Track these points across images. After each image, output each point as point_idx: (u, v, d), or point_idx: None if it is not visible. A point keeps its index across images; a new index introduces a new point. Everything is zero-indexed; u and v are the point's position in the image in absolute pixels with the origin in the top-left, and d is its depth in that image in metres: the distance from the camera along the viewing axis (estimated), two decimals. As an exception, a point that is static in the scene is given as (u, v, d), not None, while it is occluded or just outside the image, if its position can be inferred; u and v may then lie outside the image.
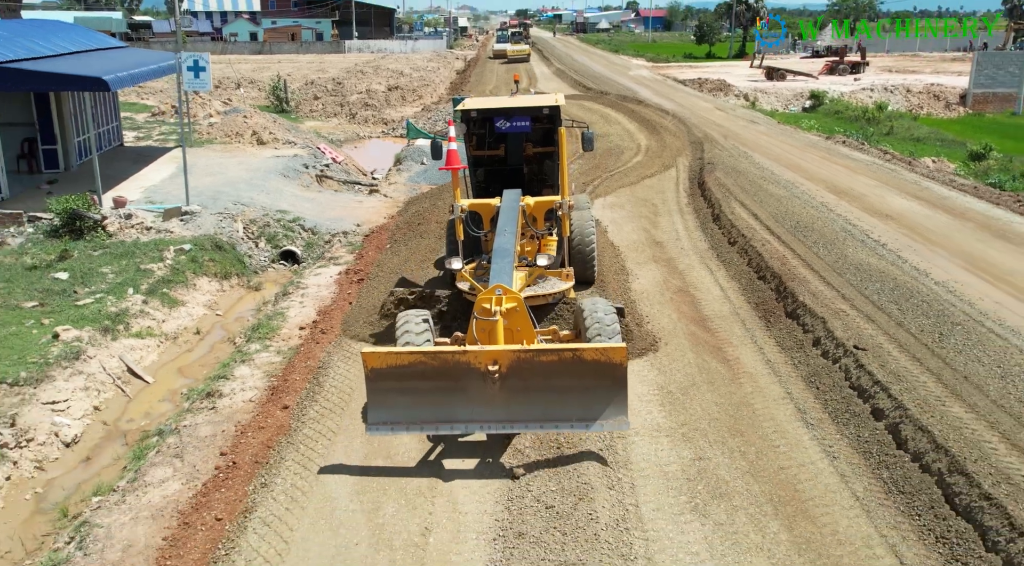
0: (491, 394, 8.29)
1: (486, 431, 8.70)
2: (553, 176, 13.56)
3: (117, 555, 7.65)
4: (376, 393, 8.42)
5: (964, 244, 16.36)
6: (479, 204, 12.09)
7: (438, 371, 8.34)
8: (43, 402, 10.86)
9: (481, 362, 8.25)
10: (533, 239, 12.45)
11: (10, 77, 17.01)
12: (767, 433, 9.26)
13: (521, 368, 8.24)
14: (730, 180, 21.24)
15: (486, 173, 13.79)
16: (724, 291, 13.99)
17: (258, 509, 8.06)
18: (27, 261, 15.54)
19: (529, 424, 8.44)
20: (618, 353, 8.13)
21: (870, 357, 10.37)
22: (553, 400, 8.27)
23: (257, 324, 13.63)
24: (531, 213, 11.93)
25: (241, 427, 9.98)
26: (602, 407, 8.20)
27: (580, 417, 8.26)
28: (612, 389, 8.17)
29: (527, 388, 8.27)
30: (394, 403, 8.39)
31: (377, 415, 8.45)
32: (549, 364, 8.23)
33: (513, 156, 13.65)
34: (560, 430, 8.53)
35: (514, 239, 10.46)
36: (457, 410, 8.38)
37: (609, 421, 8.23)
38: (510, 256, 9.95)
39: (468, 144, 13.19)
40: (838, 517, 7.72)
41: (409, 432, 8.61)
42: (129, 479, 9.05)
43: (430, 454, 8.96)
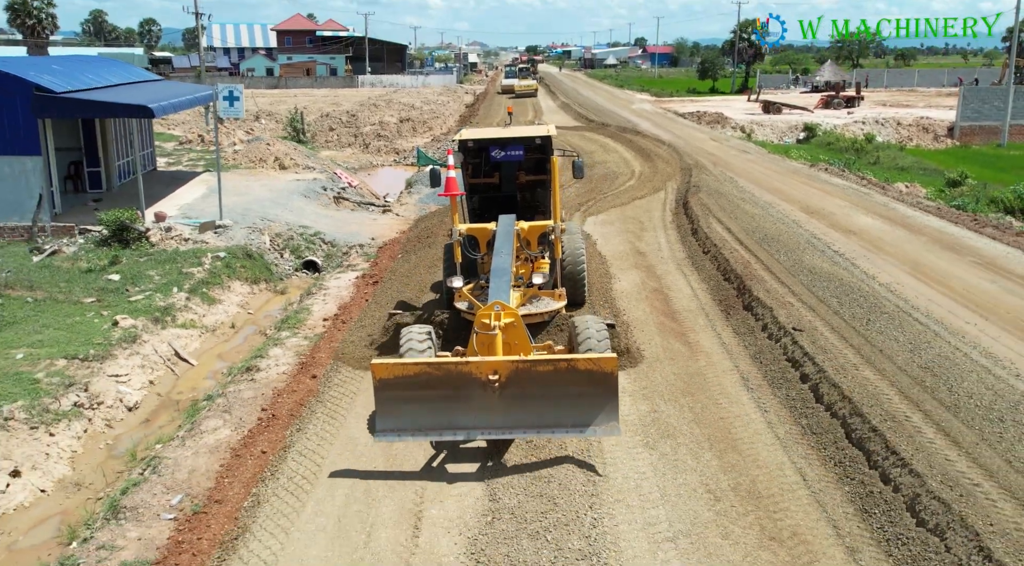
0: (491, 402, 8.76)
1: (486, 437, 9.08)
2: (544, 203, 14.08)
3: (184, 475, 9.62)
4: (384, 402, 8.88)
5: (914, 254, 18.32)
6: (476, 228, 12.74)
7: (442, 381, 8.84)
8: (109, 375, 12.89)
9: (482, 372, 8.73)
10: (527, 261, 12.97)
11: (72, 105, 19.34)
12: (713, 394, 11.19)
13: (519, 378, 8.73)
14: (712, 201, 23.29)
15: (481, 200, 14.37)
16: (694, 291, 15.98)
17: (295, 445, 10.01)
18: (83, 266, 17.67)
19: (527, 430, 8.92)
20: (609, 363, 8.68)
21: (805, 337, 12.32)
22: (549, 408, 8.78)
23: (286, 317, 15.69)
24: (525, 237, 12.58)
25: (277, 391, 11.97)
26: (594, 414, 8.75)
27: (574, 423, 8.79)
28: (604, 397, 8.73)
29: (525, 396, 8.76)
30: (401, 411, 8.87)
31: (385, 423, 8.94)
32: (545, 374, 8.76)
33: (507, 184, 14.11)
34: (556, 436, 9.07)
35: (510, 260, 11.03)
36: (459, 417, 8.87)
37: (601, 427, 8.77)
38: (507, 275, 10.53)
39: (464, 172, 13.73)
40: (760, 450, 9.64)
41: (415, 439, 9.09)
42: (187, 429, 11.03)
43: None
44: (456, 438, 9.03)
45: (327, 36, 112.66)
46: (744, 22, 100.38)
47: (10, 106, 19.05)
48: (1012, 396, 10.34)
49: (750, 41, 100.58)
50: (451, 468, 9.33)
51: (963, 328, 13.18)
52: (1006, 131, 50.65)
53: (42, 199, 19.78)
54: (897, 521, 7.98)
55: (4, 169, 19.49)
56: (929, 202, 26.28)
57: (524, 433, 8.95)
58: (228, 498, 8.97)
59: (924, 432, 9.36)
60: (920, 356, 11.59)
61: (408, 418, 8.85)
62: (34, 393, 11.61)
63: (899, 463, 8.69)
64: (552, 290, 12.62)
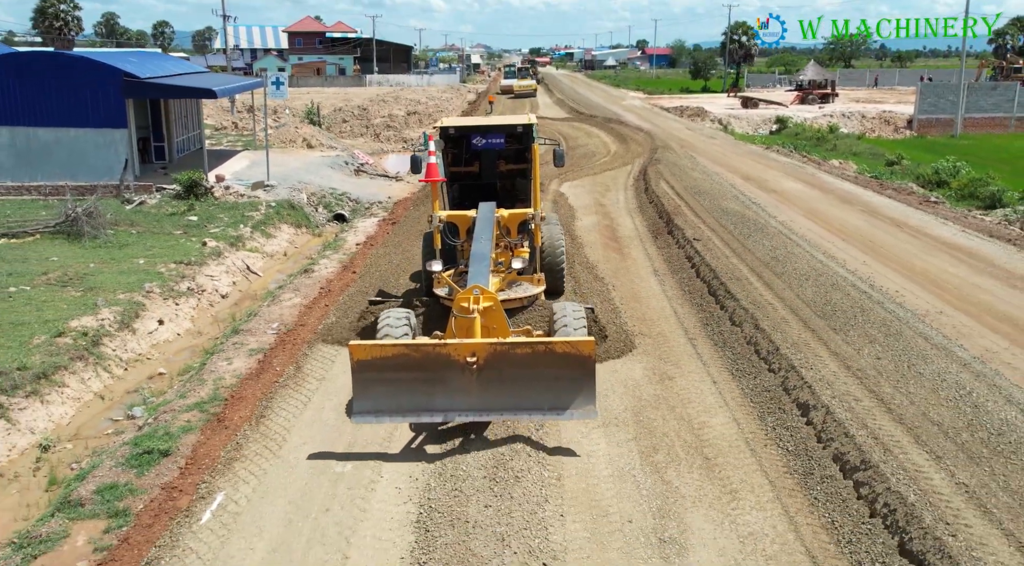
0: (469, 384, 8.75)
1: (464, 419, 9.11)
2: (524, 191, 14.37)
3: (275, 317, 14.69)
4: (361, 383, 8.86)
5: (815, 204, 23.38)
6: (456, 215, 12.86)
7: (420, 363, 8.80)
8: (205, 275, 17.98)
9: (460, 354, 8.69)
10: (507, 249, 13.01)
11: (152, 88, 24.51)
12: (632, 278, 16.25)
13: (497, 360, 8.71)
14: (666, 170, 28.37)
15: (461, 188, 14.50)
16: (635, 226, 21.08)
17: (344, 293, 15.09)
18: (166, 211, 22.79)
19: (504, 412, 8.99)
20: (586, 346, 8.70)
21: (701, 244, 17.42)
22: (526, 390, 8.80)
23: (328, 243, 20.81)
24: (505, 224, 12.74)
25: (327, 281, 17.06)
26: (572, 396, 8.78)
27: (551, 406, 8.81)
28: (581, 380, 8.75)
29: (502, 379, 8.76)
30: (378, 393, 8.85)
31: (362, 404, 8.91)
32: (523, 356, 8.75)
33: (487, 172, 14.29)
34: (533, 418, 9.15)
35: (490, 246, 11.14)
36: (437, 399, 8.88)
37: (579, 410, 8.82)
38: (486, 260, 10.58)
39: (445, 160, 13.76)
40: (652, 301, 14.66)
41: (392, 420, 9.12)
42: (270, 300, 16.11)
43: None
44: (434, 420, 9.12)
45: (336, 38, 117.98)
46: (735, 24, 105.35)
47: (104, 89, 24.18)
48: (823, 269, 15.44)
49: (741, 43, 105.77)
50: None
51: (818, 242, 18.28)
52: (959, 123, 55.62)
53: (127, 163, 24.90)
54: (726, 331, 12.96)
55: (99, 139, 24.62)
56: (853, 174, 31.31)
57: (501, 415, 9.09)
58: (308, 323, 14.08)
59: (755, 286, 14.48)
60: (773, 253, 16.73)
61: (386, 399, 8.86)
62: (161, 279, 16.71)
63: (733, 300, 13.77)
64: (531, 275, 12.86)
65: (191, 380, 12.06)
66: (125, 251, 18.97)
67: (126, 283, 16.18)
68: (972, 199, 27.95)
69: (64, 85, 24.02)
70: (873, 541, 7.21)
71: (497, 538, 7.43)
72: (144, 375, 13.42)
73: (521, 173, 14.38)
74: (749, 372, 11.19)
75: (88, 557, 7.64)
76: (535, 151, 13.31)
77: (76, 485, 9.06)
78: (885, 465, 8.13)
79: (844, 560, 7.07)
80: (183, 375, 12.90)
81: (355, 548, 7.51)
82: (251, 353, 12.81)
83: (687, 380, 11.12)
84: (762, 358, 11.44)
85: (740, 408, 10.22)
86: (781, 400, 10.16)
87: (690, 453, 9.08)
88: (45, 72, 24.03)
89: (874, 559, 6.99)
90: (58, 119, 24.21)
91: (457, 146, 14.02)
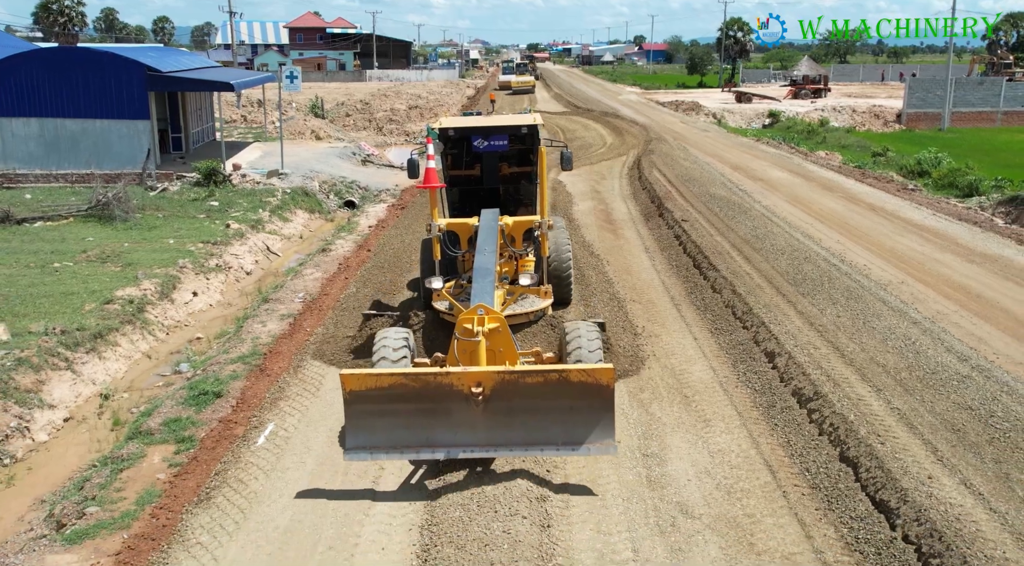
0: (474, 417, 8.03)
1: (468, 455, 8.23)
2: (528, 197, 13.54)
3: (300, 288, 16.15)
4: (355, 416, 8.11)
5: (798, 191, 24.87)
6: (457, 223, 11.98)
7: (419, 393, 8.05)
8: (230, 253, 19.44)
9: (464, 384, 7.94)
10: (511, 259, 12.34)
11: (173, 81, 25.97)
12: (625, 256, 17.73)
13: (506, 390, 7.97)
14: (659, 160, 29.85)
15: (461, 193, 13.61)
16: (628, 210, 22.57)
17: (361, 268, 16.56)
18: (188, 197, 24.24)
19: (513, 448, 8.15)
20: (605, 375, 7.92)
21: (688, 225, 18.91)
22: (538, 423, 8.05)
23: (342, 226, 22.28)
24: (510, 233, 11.85)
25: (345, 258, 18.53)
26: (588, 430, 8.02)
27: (565, 441, 8.05)
28: (599, 412, 7.97)
29: (511, 411, 8.03)
30: (374, 426, 8.12)
31: (356, 439, 8.14)
32: (534, 386, 7.98)
33: (489, 176, 13.31)
34: (545, 454, 8.26)
35: (494, 258, 10.32)
36: (438, 434, 8.13)
37: (596, 445, 8.03)
38: (491, 275, 9.76)
39: (444, 164, 13.00)
40: (643, 274, 16.16)
41: (389, 458, 8.28)
42: (293, 275, 17.58)
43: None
44: (435, 456, 8.27)
45: (337, 33, 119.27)
46: (731, 20, 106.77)
47: (128, 82, 25.60)
48: (799, 246, 16.94)
49: (736, 38, 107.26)
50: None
51: (797, 223, 19.78)
52: (946, 117, 57.13)
53: (150, 152, 26.34)
54: (708, 297, 14.46)
55: (123, 130, 26.04)
56: (837, 164, 32.80)
57: (511, 452, 8.22)
58: (330, 293, 15.55)
59: (736, 259, 16.01)
60: (754, 232, 18.24)
61: (382, 434, 8.13)
62: (192, 257, 18.16)
63: (715, 271, 15.28)
64: (537, 287, 11.90)
65: (231, 339, 13.53)
66: (154, 232, 20.42)
67: (160, 260, 17.63)
68: (951, 188, 29.47)
69: (91, 79, 25.44)
70: (819, 452, 8.72)
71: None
72: (183, 339, 14.88)
73: (525, 176, 13.47)
74: (726, 330, 12.69)
75: (165, 471, 9.12)
76: (542, 153, 12.26)
77: (144, 420, 10.55)
78: (833, 395, 9.64)
79: (795, 467, 8.57)
80: (220, 338, 14.37)
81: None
82: (282, 317, 14.29)
83: (671, 337, 12.61)
84: (737, 318, 12.94)
85: (716, 358, 11.72)
86: (752, 351, 11.67)
87: (671, 393, 10.58)
88: (73, 66, 25.45)
89: (819, 466, 8.48)
90: (85, 110, 25.64)
91: (457, 148, 13.10)
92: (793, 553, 7.17)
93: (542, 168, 12.27)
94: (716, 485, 8.32)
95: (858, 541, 7.21)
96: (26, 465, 10.27)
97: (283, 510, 8.13)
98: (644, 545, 7.36)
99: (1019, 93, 60.28)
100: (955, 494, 7.54)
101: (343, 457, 8.32)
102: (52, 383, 11.89)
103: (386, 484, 8.53)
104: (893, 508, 7.42)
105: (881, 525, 7.34)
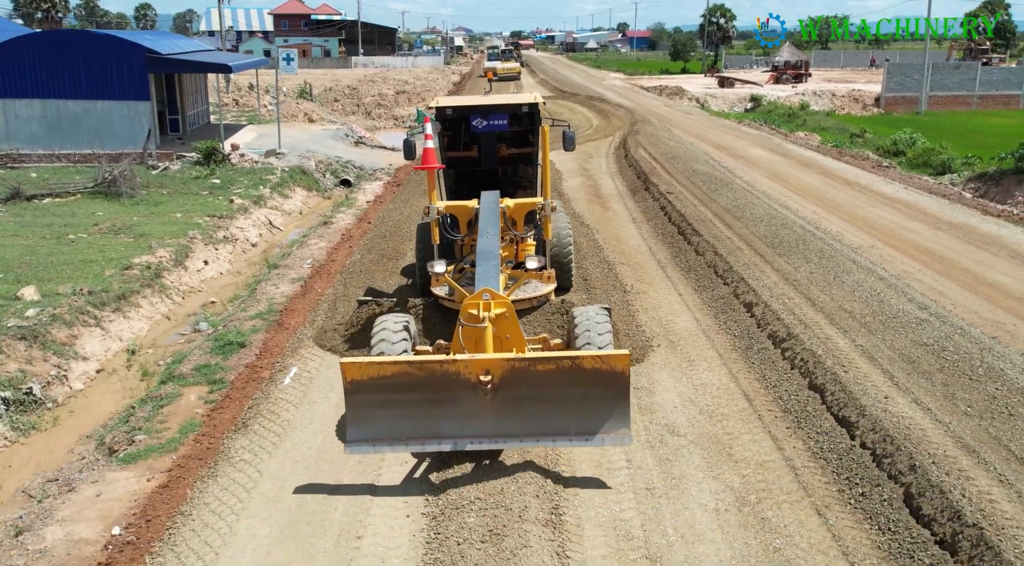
0: (482, 407, 7.75)
1: (476, 447, 7.92)
2: (527, 179, 13.33)
3: (307, 255, 17.07)
4: (356, 407, 7.81)
5: (777, 168, 25.95)
6: (456, 206, 11.65)
7: (424, 382, 7.77)
8: (236, 227, 20.31)
9: (472, 372, 7.67)
10: (511, 243, 12.03)
11: (173, 63, 26.70)
12: (613, 224, 18.75)
13: (516, 378, 7.70)
14: (645, 140, 30.87)
15: (458, 176, 13.21)
16: (616, 186, 23.59)
17: (365, 246, 17.49)
18: (190, 175, 25.03)
19: (524, 439, 7.88)
20: (621, 361, 7.66)
21: (674, 197, 19.96)
22: (549, 413, 7.78)
23: (341, 201, 23.16)
24: (511, 215, 11.53)
25: (347, 229, 19.45)
26: (602, 419, 7.75)
27: (579, 430, 7.79)
28: (613, 400, 7.72)
29: (521, 400, 7.76)
30: (376, 418, 7.84)
31: (357, 431, 7.85)
32: (546, 374, 7.71)
33: (487, 158, 12.98)
34: (557, 445, 8.02)
35: (497, 241, 10.05)
36: (444, 425, 7.86)
37: (610, 435, 7.77)
38: (495, 259, 9.44)
39: (440, 145, 12.50)
40: (630, 240, 17.17)
41: (392, 450, 8.02)
42: (299, 244, 18.49)
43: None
44: (441, 448, 7.97)
45: (322, 20, 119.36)
46: (713, 7, 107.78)
47: (129, 65, 26.30)
48: (776, 215, 18.01)
49: (719, 25, 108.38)
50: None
51: (776, 196, 20.87)
52: (923, 100, 58.48)
53: (150, 133, 27.08)
54: (691, 259, 15.50)
55: (124, 111, 26.76)
56: (815, 144, 33.95)
57: (520, 443, 7.93)
58: (337, 259, 16.48)
59: (718, 226, 17.08)
60: (735, 203, 19.31)
61: (384, 425, 7.84)
62: (201, 229, 19.02)
63: (698, 236, 16.32)
64: (540, 271, 11.37)
65: (247, 300, 14.45)
66: (161, 207, 21.24)
67: (170, 232, 18.48)
68: (925, 167, 30.65)
69: (92, 61, 26.14)
70: (791, 383, 9.78)
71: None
72: (198, 303, 15.77)
73: (523, 158, 13.16)
74: (708, 287, 13.75)
75: (202, 406, 10.07)
76: (544, 132, 11.71)
77: (176, 366, 11.49)
78: (804, 336, 10.72)
79: (769, 396, 9.62)
80: (234, 301, 15.27)
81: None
82: (293, 281, 15.22)
83: (658, 293, 13.65)
84: (719, 276, 14.00)
85: (700, 311, 12.77)
86: (732, 303, 12.73)
87: (659, 338, 11.61)
88: (75, 49, 26.14)
89: (791, 394, 9.54)
90: (87, 92, 26.35)
91: (454, 128, 12.64)
92: (766, 461, 8.23)
93: (545, 147, 11.74)
94: (699, 411, 9.36)
95: (822, 450, 8.27)
96: (67, 409, 11.18)
97: (314, 434, 9.12)
98: (636, 456, 8.39)
99: (994, 77, 61.73)
100: (907, 410, 8.62)
101: (344, 451, 8.00)
102: (84, 338, 12.78)
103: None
104: (853, 422, 8.49)
105: (843, 437, 8.41)
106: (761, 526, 7.15)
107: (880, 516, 7.11)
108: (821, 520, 7.21)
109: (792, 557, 6.74)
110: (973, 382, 9.25)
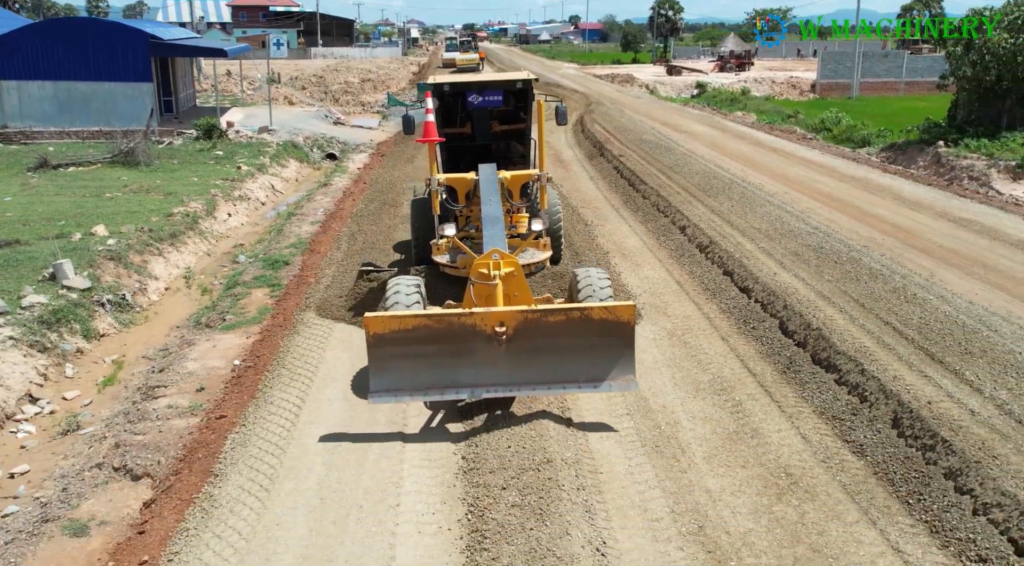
0: (497, 357, 8.17)
1: (492, 394, 8.35)
2: (518, 154, 13.85)
3: (314, 209, 20.17)
4: (378, 359, 8.21)
5: (714, 140, 29.65)
6: (455, 178, 12.02)
7: (443, 334, 8.18)
8: (246, 188, 23.31)
9: (487, 324, 8.09)
10: (507, 213, 12.28)
11: (173, 48, 29.50)
12: (575, 182, 22.17)
13: (528, 329, 8.11)
14: (599, 117, 34.40)
15: (452, 151, 13.58)
16: (575, 153, 27.14)
17: (365, 198, 20.65)
18: (195, 149, 27.89)
19: (536, 386, 8.29)
20: (626, 312, 8.06)
21: (625, 159, 23.47)
22: (560, 361, 8.21)
23: (334, 169, 26.29)
24: (508, 187, 11.93)
25: (347, 189, 22.60)
26: (609, 367, 8.20)
27: (587, 378, 8.21)
28: (619, 348, 8.17)
29: (534, 349, 8.17)
30: (397, 369, 8.23)
31: (379, 382, 8.26)
32: (557, 324, 8.13)
33: (480, 133, 13.42)
34: (567, 391, 8.47)
35: (500, 208, 10.50)
36: (462, 374, 8.25)
37: (617, 381, 8.22)
38: (500, 223, 9.88)
39: (436, 120, 12.33)
40: (592, 199, 20.60)
41: (413, 399, 8.44)
42: (306, 199, 21.58)
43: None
44: (459, 396, 8.42)
45: (280, 11, 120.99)
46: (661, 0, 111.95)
47: (134, 49, 29.02)
48: (709, 171, 21.62)
49: (667, 17, 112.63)
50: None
51: (711, 159, 24.50)
52: (855, 86, 63.01)
53: (152, 112, 29.83)
54: (639, 203, 18.97)
55: (129, 91, 29.47)
56: (750, 121, 37.83)
57: (533, 390, 8.37)
58: (345, 208, 19.66)
59: (661, 178, 20.62)
60: (676, 163, 22.95)
61: (405, 376, 8.26)
62: (221, 188, 22.01)
63: (644, 185, 19.83)
64: (536, 240, 12.10)
65: (277, 237, 17.59)
66: (177, 173, 24.13)
67: (194, 191, 21.44)
68: (848, 141, 34.56)
69: (100, 46, 28.84)
70: (710, 272, 13.33)
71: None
72: (230, 245, 18.82)
73: (516, 134, 13.79)
74: (652, 219, 17.29)
75: (269, 299, 13.25)
76: (540, 105, 12.26)
77: (237, 277, 14.62)
78: (722, 243, 14.31)
79: (695, 282, 13.13)
80: (262, 242, 18.37)
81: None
82: (312, 223, 18.38)
83: (612, 225, 17.14)
84: (660, 212, 17.55)
85: (645, 235, 16.28)
86: (670, 229, 16.27)
87: (614, 253, 15.06)
88: (84, 35, 28.82)
89: (710, 279, 13.05)
90: (95, 74, 29.03)
91: (447, 105, 13.05)
92: (689, 315, 11.73)
93: (540, 121, 12.22)
94: (643, 291, 12.84)
95: (729, 309, 11.81)
96: (151, 312, 14.25)
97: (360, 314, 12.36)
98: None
99: (919, 65, 66.50)
100: (787, 279, 12.22)
101: (368, 400, 8.45)
102: (152, 263, 15.82)
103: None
104: (751, 289, 12.06)
105: (744, 299, 11.96)
106: (684, 346, 10.65)
107: (763, 338, 10.65)
108: (724, 343, 10.72)
109: (703, 360, 10.23)
110: (837, 265, 12.89)
